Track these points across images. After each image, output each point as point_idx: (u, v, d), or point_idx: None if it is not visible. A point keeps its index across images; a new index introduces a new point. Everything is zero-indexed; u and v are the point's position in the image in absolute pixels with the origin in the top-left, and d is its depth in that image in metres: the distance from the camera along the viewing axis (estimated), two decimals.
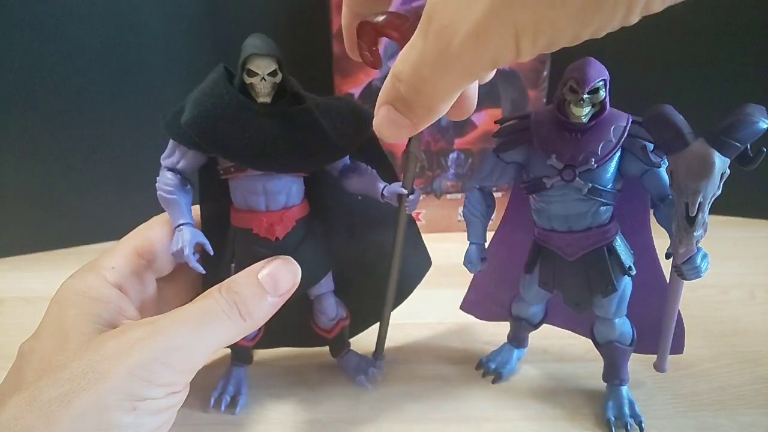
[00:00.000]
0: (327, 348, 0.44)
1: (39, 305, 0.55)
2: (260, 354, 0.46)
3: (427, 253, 0.44)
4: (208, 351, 0.29)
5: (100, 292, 0.32)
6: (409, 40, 0.32)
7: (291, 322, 0.43)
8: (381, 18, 0.32)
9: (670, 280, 0.34)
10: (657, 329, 0.36)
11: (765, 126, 0.25)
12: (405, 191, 0.36)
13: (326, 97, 0.37)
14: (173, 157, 0.35)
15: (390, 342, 0.42)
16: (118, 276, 0.33)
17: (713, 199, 0.27)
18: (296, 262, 0.33)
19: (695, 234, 0.27)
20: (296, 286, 0.33)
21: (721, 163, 0.25)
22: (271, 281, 0.31)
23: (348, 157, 0.38)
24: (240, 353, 0.42)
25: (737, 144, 0.25)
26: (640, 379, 0.41)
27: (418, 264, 0.44)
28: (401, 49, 0.33)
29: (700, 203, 0.26)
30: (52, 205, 0.66)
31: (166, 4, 0.63)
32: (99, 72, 0.63)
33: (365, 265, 0.42)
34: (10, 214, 0.65)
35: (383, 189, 0.36)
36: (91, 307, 0.31)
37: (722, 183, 0.26)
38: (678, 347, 0.38)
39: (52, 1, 0.58)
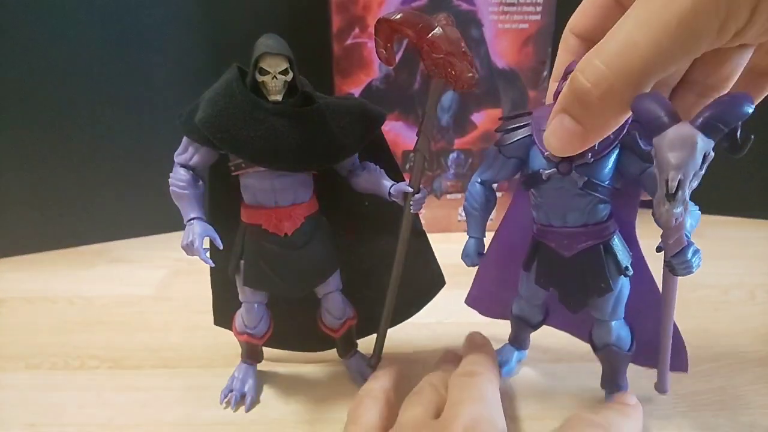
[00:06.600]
0: (328, 349, 0.44)
1: (39, 305, 0.56)
2: None
3: (440, 272, 0.44)
4: None
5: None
6: (423, 38, 0.33)
7: (299, 325, 0.43)
8: (397, 16, 0.33)
9: (663, 279, 0.34)
10: (655, 340, 0.36)
11: (749, 110, 0.25)
12: (411, 190, 0.37)
13: (336, 96, 0.37)
14: (186, 153, 0.35)
15: (390, 342, 0.42)
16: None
17: (695, 180, 0.27)
18: None
19: (675, 210, 0.27)
20: None
21: (703, 144, 0.25)
22: None
23: (357, 157, 0.38)
24: (250, 351, 0.42)
25: (720, 125, 0.25)
26: (639, 379, 0.41)
27: (429, 281, 0.44)
28: (417, 46, 0.33)
29: (680, 181, 0.26)
30: (52, 205, 0.66)
31: (166, 4, 0.63)
32: (99, 72, 0.63)
33: (370, 270, 0.42)
34: (10, 214, 0.65)
35: (390, 188, 0.37)
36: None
37: (706, 165, 0.26)
38: (682, 365, 0.38)
39: (52, 1, 0.58)
